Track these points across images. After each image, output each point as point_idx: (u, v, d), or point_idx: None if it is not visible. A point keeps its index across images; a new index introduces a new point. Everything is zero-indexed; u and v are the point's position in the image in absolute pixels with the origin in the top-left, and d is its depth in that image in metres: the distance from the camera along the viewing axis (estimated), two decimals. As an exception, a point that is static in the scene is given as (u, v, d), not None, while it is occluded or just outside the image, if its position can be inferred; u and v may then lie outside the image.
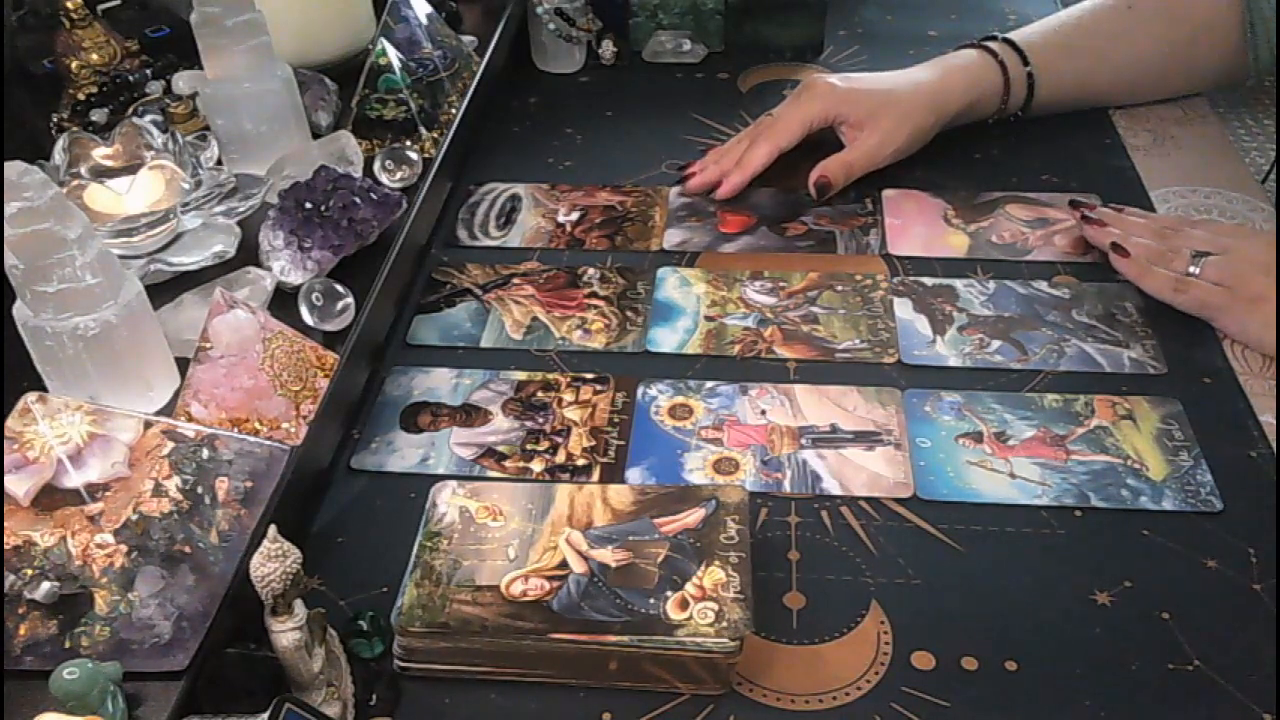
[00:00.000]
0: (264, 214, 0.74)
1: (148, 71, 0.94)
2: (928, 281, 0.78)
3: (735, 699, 0.53)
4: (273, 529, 0.48)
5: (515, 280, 0.80)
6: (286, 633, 0.48)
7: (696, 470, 0.64)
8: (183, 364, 0.63)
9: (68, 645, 0.50)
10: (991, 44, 0.90)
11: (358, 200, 0.74)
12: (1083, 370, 0.70)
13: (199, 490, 0.54)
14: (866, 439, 0.66)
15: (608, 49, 1.06)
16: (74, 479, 0.52)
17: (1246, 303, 0.70)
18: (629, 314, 0.76)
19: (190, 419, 0.59)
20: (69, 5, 0.91)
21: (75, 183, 0.73)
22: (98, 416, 0.54)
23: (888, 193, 0.87)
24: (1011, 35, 0.91)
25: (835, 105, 0.87)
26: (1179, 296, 0.72)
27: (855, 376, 0.70)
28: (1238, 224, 0.81)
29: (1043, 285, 0.77)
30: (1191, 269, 0.72)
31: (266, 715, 0.45)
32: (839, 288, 0.78)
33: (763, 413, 0.68)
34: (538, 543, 0.56)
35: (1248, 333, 0.71)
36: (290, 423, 0.62)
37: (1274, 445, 0.64)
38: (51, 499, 0.52)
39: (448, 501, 0.58)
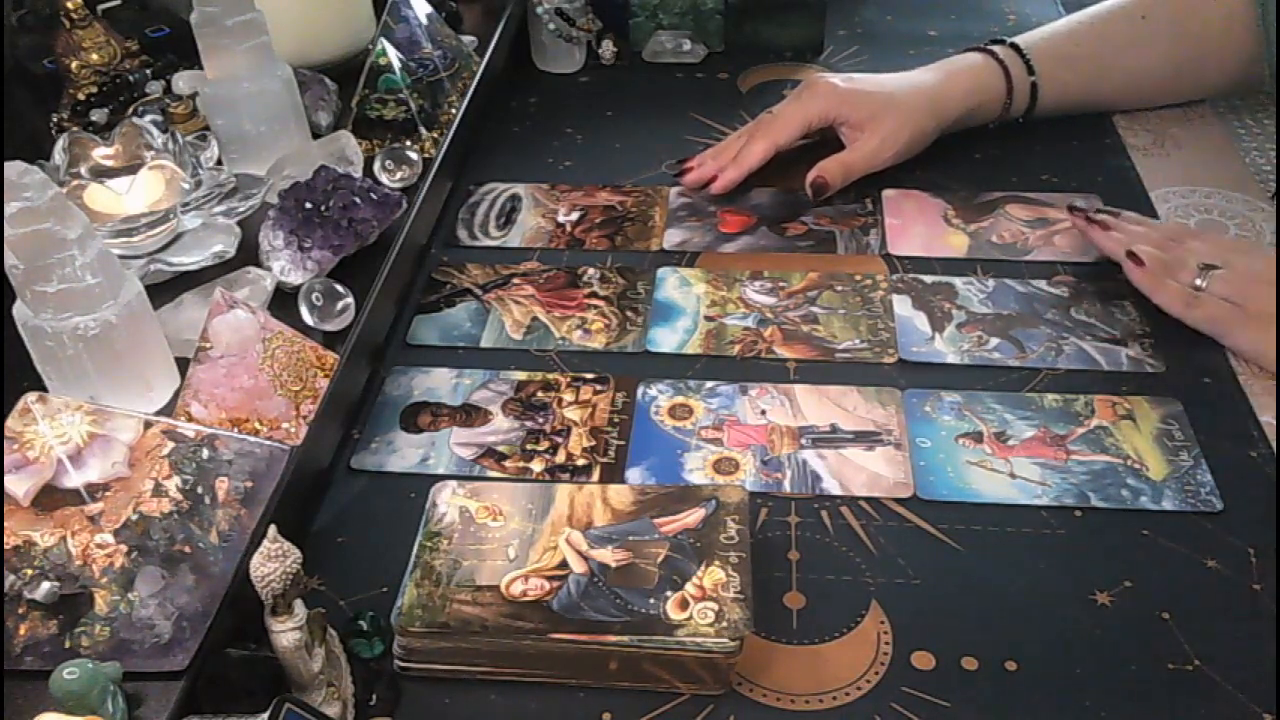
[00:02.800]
0: (264, 214, 0.74)
1: (148, 71, 0.94)
2: (927, 279, 0.78)
3: (735, 699, 0.53)
4: (273, 529, 0.48)
5: (515, 280, 0.80)
6: (286, 633, 0.48)
7: (696, 470, 0.64)
8: (183, 364, 0.63)
9: (68, 645, 0.50)
10: (996, 49, 0.90)
11: (358, 200, 0.74)
12: (1081, 368, 0.70)
13: (199, 490, 0.54)
14: (866, 439, 0.66)
15: (608, 49, 1.06)
16: (74, 479, 0.52)
17: (1256, 319, 0.69)
18: (629, 314, 0.76)
19: (190, 419, 0.59)
20: (69, 5, 0.91)
21: (75, 183, 0.73)
22: (98, 416, 0.54)
23: (888, 193, 0.87)
24: (1018, 40, 0.90)
25: (836, 105, 0.87)
26: (1190, 311, 0.71)
27: (855, 376, 0.70)
28: (1236, 238, 0.80)
29: (1042, 284, 0.77)
30: (1199, 281, 0.71)
31: (266, 715, 0.45)
32: (839, 288, 0.78)
33: (763, 413, 0.68)
34: (538, 543, 0.56)
35: (1259, 350, 0.70)
36: (290, 423, 0.62)
37: (1274, 445, 0.64)
38: (51, 499, 0.52)
39: (448, 501, 0.58)
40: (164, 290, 0.70)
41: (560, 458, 0.66)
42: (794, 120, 0.87)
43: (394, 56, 0.88)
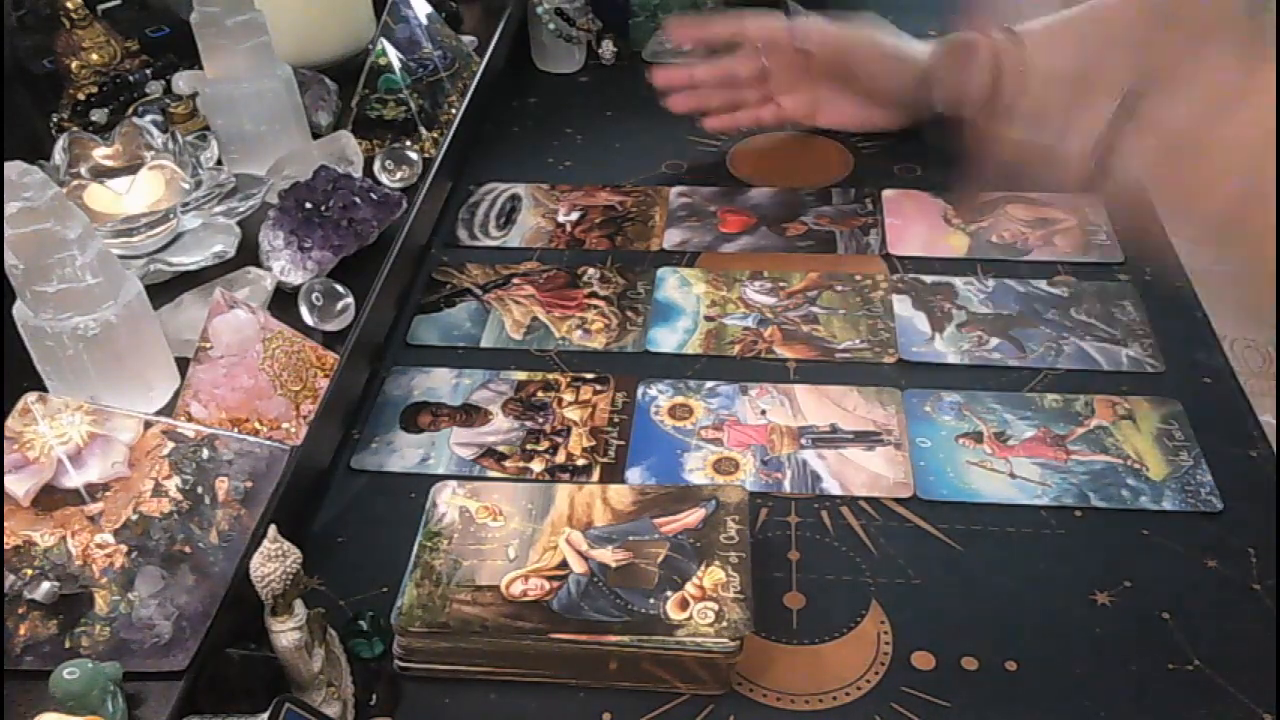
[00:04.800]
0: (264, 214, 0.74)
1: (148, 71, 0.94)
2: (926, 279, 0.78)
3: (735, 699, 0.53)
4: (273, 529, 0.48)
5: (515, 280, 0.80)
6: (286, 633, 0.48)
7: (696, 470, 0.64)
8: (183, 364, 0.63)
9: (68, 645, 0.50)
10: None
11: (358, 200, 0.74)
12: (1081, 368, 0.70)
13: (199, 490, 0.54)
14: (866, 439, 0.66)
15: (608, 49, 1.06)
16: (74, 479, 0.52)
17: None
18: (629, 314, 0.76)
19: (190, 419, 0.59)
20: (69, 5, 0.91)
21: (75, 183, 0.73)
22: (98, 416, 0.54)
23: (888, 193, 0.87)
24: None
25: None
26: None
27: (855, 376, 0.70)
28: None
29: (1041, 284, 0.77)
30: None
31: (266, 715, 0.45)
32: (839, 288, 0.78)
33: (763, 413, 0.68)
34: (538, 543, 0.56)
35: None
36: (290, 423, 0.62)
37: (1274, 445, 0.64)
38: (51, 499, 0.52)
39: (448, 501, 0.58)
40: (164, 290, 0.70)
41: (560, 458, 0.66)
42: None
43: (394, 56, 0.88)
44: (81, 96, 0.91)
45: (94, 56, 0.92)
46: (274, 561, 0.47)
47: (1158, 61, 0.91)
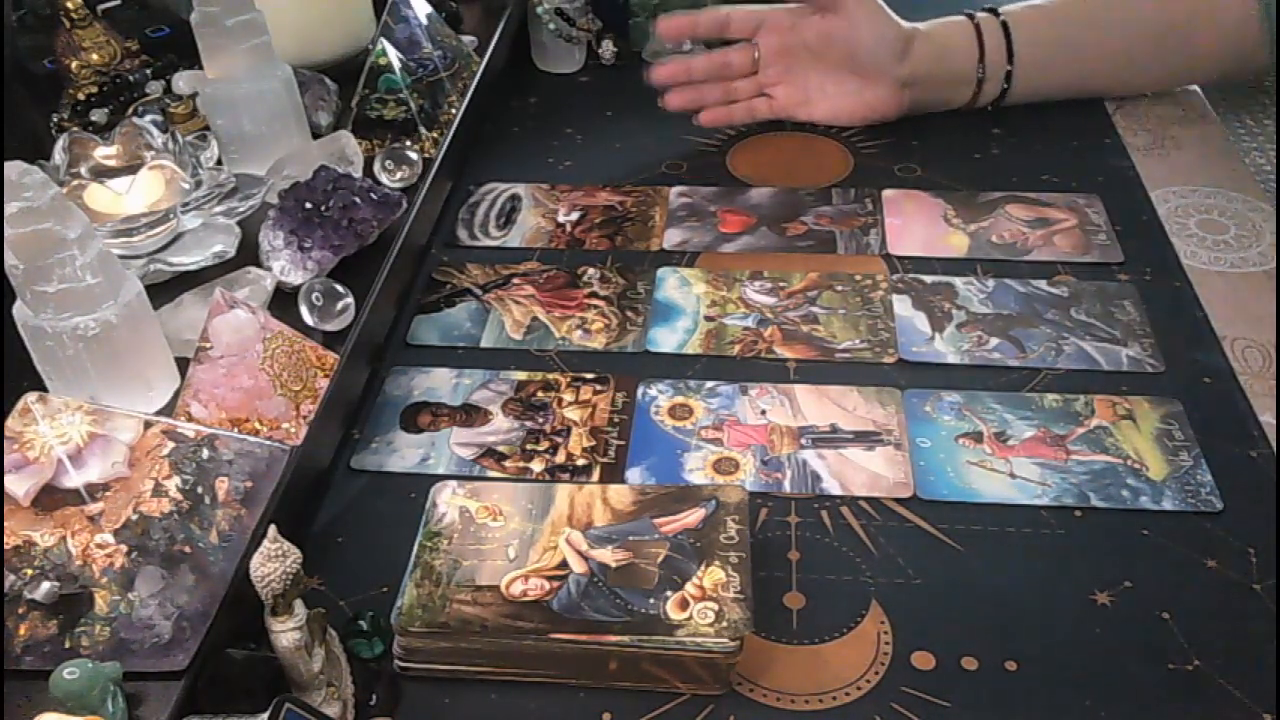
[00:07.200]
0: (264, 214, 0.74)
1: (148, 71, 0.94)
2: (927, 279, 0.78)
3: (735, 699, 0.53)
4: (273, 529, 0.48)
5: (515, 280, 0.80)
6: (286, 633, 0.48)
7: (696, 470, 0.64)
8: (183, 364, 0.63)
9: (68, 645, 0.50)
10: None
11: (358, 200, 0.74)
12: (1081, 368, 0.70)
13: (199, 490, 0.54)
14: (866, 439, 0.66)
15: (608, 49, 1.06)
16: (74, 479, 0.52)
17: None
18: (629, 314, 0.76)
19: (190, 419, 0.59)
20: (69, 5, 0.91)
21: (75, 183, 0.73)
22: (98, 416, 0.54)
23: (888, 193, 0.87)
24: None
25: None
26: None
27: (855, 376, 0.70)
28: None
29: (1041, 284, 0.77)
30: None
31: (266, 715, 0.45)
32: (839, 288, 0.78)
33: (763, 413, 0.68)
34: (538, 543, 0.56)
35: None
36: (290, 423, 0.62)
37: (1274, 445, 0.64)
38: (51, 499, 0.52)
39: (448, 501, 0.58)
40: (164, 290, 0.70)
41: (560, 458, 0.66)
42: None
43: (394, 56, 0.88)
44: (81, 96, 0.91)
45: (94, 56, 0.92)
46: (274, 561, 0.47)
47: None
